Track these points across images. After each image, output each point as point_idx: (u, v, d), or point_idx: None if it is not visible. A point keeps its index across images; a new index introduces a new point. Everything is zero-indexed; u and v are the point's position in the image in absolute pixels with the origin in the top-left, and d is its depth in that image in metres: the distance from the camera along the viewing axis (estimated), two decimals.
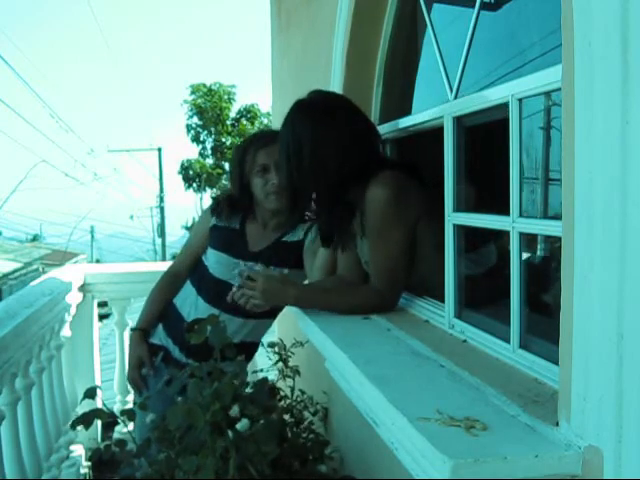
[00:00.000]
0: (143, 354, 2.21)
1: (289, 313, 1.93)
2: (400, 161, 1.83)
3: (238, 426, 1.37)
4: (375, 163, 1.71)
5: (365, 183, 1.65)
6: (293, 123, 1.75)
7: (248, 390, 1.52)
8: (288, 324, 2.89)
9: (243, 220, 2.23)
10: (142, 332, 2.26)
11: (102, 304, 3.99)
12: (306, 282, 2.11)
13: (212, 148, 20.98)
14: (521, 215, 1.23)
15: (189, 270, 2.32)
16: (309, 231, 2.11)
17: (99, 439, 3.45)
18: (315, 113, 1.73)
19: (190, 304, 2.22)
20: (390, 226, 1.64)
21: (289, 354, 2.24)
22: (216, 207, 2.28)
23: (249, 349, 2.25)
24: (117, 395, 3.51)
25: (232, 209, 2.22)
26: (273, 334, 3.49)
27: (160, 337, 2.25)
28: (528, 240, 1.28)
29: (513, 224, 1.24)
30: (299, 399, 2.19)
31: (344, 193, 1.74)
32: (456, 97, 1.57)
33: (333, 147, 1.68)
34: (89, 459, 3.08)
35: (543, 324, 1.30)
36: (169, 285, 2.32)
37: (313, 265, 2.00)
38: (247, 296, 1.74)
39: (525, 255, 1.26)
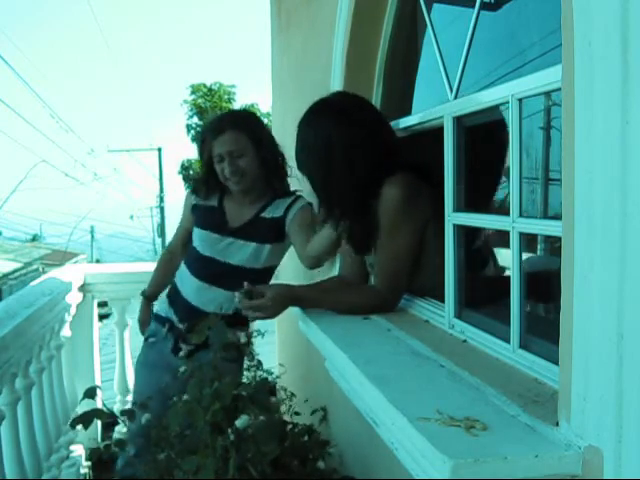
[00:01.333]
0: (143, 318, 2.59)
1: (289, 313, 1.93)
2: (412, 162, 1.82)
3: (238, 423, 1.37)
4: (389, 164, 1.70)
5: (379, 185, 1.65)
6: (319, 124, 1.73)
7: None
8: (288, 324, 2.90)
9: (221, 198, 2.37)
10: (146, 299, 2.62)
11: (102, 304, 3.99)
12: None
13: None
14: (521, 215, 1.23)
15: (182, 248, 2.55)
16: (290, 208, 2.24)
17: (99, 439, 3.45)
18: (343, 114, 1.71)
19: (185, 281, 2.40)
20: (400, 227, 1.64)
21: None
22: (195, 187, 2.46)
23: (241, 318, 2.30)
24: (117, 395, 3.50)
25: (208, 188, 2.37)
26: (273, 333, 3.49)
27: (166, 310, 2.45)
28: (528, 240, 1.28)
29: (513, 224, 1.24)
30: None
31: (370, 194, 1.71)
32: (456, 97, 1.57)
33: (362, 148, 1.67)
34: (89, 459, 3.08)
35: (543, 324, 1.30)
36: (165, 261, 2.64)
37: (310, 241, 2.00)
38: (256, 307, 1.72)
39: (525, 255, 1.26)
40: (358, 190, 1.69)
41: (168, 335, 2.38)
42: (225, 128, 2.25)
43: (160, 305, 2.53)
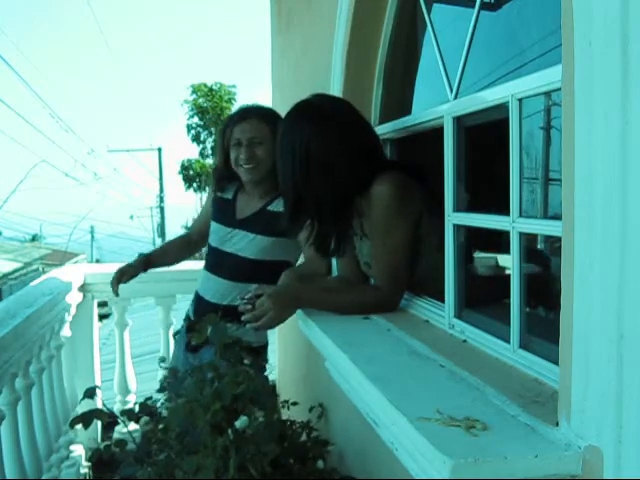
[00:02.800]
0: (126, 271, 2.51)
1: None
2: (400, 161, 1.83)
3: (237, 423, 1.37)
4: (376, 165, 1.71)
5: (367, 184, 1.65)
6: (300, 126, 1.71)
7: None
8: (288, 324, 2.89)
9: (236, 191, 2.43)
10: (143, 258, 2.57)
11: (102, 304, 3.99)
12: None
13: (212, 148, 20.96)
14: (521, 215, 1.23)
15: (198, 235, 2.64)
16: None
17: (99, 439, 3.45)
18: (324, 117, 1.70)
19: (200, 275, 2.50)
20: (394, 223, 1.64)
21: None
22: (213, 178, 2.55)
23: (236, 313, 2.31)
24: (117, 395, 3.50)
25: (221, 182, 2.44)
26: (273, 334, 3.49)
27: (188, 309, 2.55)
28: (528, 240, 1.28)
29: (513, 224, 1.24)
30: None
31: (349, 198, 1.72)
32: (456, 97, 1.57)
33: (343, 151, 1.67)
34: (89, 459, 3.08)
35: (543, 324, 1.30)
36: (180, 239, 2.76)
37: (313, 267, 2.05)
38: (258, 315, 1.70)
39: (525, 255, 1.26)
40: (338, 193, 1.69)
41: (185, 333, 2.48)
42: (250, 116, 2.30)
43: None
